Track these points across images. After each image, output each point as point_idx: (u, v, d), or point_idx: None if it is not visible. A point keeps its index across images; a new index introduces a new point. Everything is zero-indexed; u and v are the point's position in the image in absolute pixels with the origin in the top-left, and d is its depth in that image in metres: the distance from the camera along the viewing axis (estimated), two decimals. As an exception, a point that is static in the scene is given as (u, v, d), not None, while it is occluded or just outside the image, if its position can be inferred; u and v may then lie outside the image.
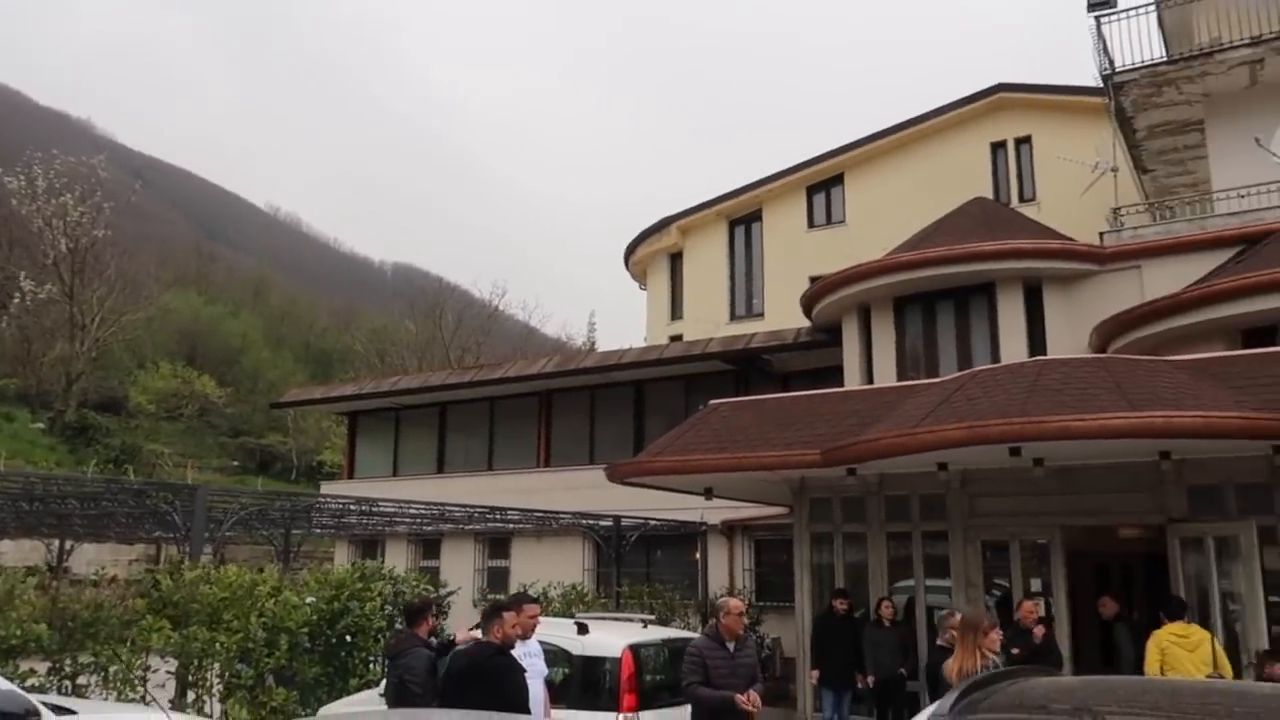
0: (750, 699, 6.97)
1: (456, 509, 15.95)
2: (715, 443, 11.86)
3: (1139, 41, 22.75)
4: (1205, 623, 9.80)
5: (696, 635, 8.71)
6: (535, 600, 7.75)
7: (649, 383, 20.33)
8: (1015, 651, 8.84)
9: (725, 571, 18.03)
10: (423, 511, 16.02)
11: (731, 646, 7.26)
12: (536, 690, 7.02)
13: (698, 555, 17.79)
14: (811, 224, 24.29)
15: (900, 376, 14.56)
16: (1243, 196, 14.09)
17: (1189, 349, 11.59)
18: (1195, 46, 15.50)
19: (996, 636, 6.97)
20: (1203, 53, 14.85)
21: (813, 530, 12.28)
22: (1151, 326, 12.28)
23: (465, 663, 6.25)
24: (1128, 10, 15.90)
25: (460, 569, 20.51)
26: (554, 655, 8.05)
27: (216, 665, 9.24)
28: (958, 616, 8.08)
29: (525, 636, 7.03)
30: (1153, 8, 16.38)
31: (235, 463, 50.29)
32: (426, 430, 23.59)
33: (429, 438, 23.53)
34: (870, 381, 14.91)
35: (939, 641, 8.83)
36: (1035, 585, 10.93)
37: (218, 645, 9.11)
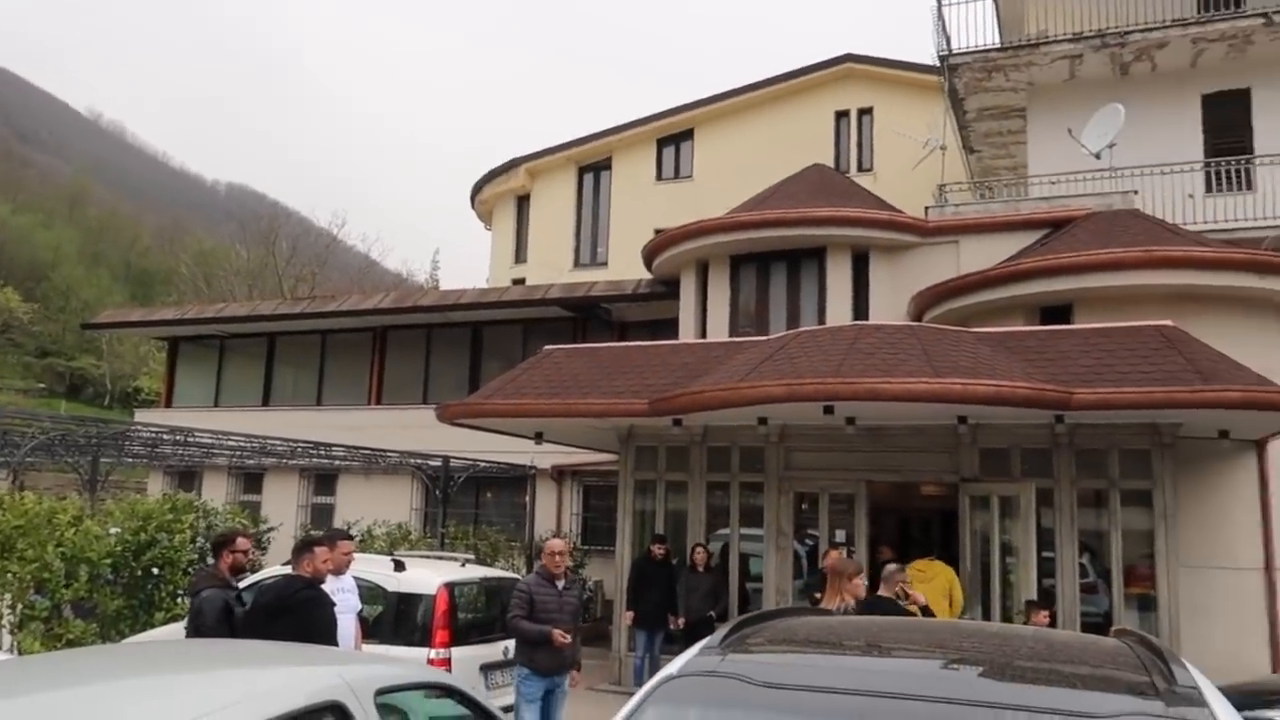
0: (564, 635, 7.27)
1: (279, 443, 15.50)
2: (547, 388, 11.97)
3: (977, 26, 23.81)
4: (986, 573, 10.72)
5: (519, 576, 8.90)
6: (351, 537, 7.71)
7: (488, 325, 20.19)
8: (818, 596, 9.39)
9: (553, 515, 18.27)
10: (243, 444, 15.49)
11: (560, 584, 7.58)
12: (347, 625, 7.05)
13: (527, 498, 17.97)
14: (660, 176, 24.50)
15: (733, 332, 15.02)
16: (1054, 183, 15.11)
17: (994, 322, 12.46)
18: (1024, 37, 16.41)
19: (860, 582, 7.45)
20: (1029, 44, 15.74)
21: (637, 477, 12.60)
22: (963, 299, 13.08)
23: (272, 596, 6.18)
24: (967, -4, 16.66)
25: (283, 505, 19.97)
26: (369, 592, 8.07)
27: (8, 596, 8.78)
28: (895, 567, 8.51)
29: (339, 572, 7.04)
30: (990, -5, 17.23)
31: (41, 385, 47.01)
32: (253, 361, 22.69)
33: (255, 369, 22.64)
34: (704, 336, 15.31)
35: (881, 592, 8.55)
36: (840, 536, 11.60)
37: (9, 575, 8.65)
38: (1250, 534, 11.41)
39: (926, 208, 15.25)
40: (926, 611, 8.34)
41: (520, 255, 26.40)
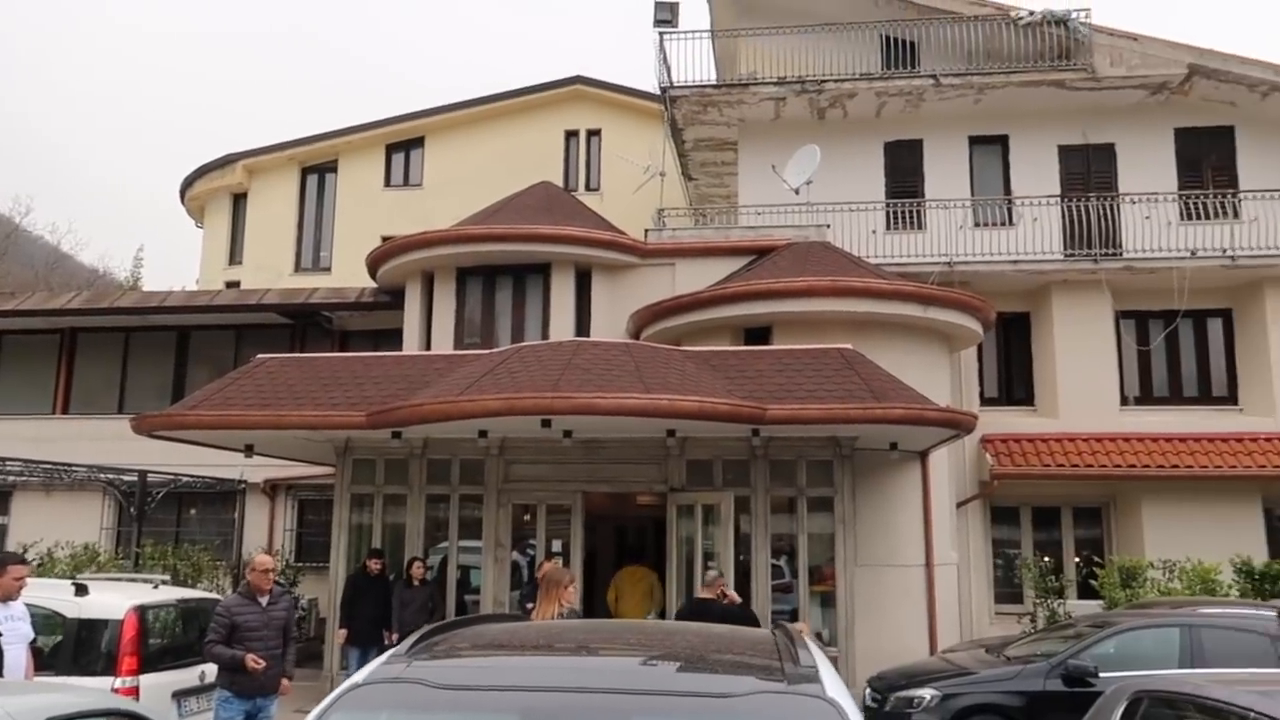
0: (257, 661, 7.08)
1: (-62, 457, 13.79)
2: (258, 398, 11.48)
3: (697, 60, 25.23)
4: (690, 575, 11.46)
5: (220, 597, 8.52)
6: (24, 560, 7.06)
7: (196, 330, 18.95)
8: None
9: (265, 531, 17.44)
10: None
11: (264, 601, 7.38)
12: (17, 656, 6.48)
13: (236, 514, 17.02)
14: (389, 183, 24.04)
15: (458, 345, 15.06)
16: (760, 214, 16.37)
17: (705, 341, 13.32)
18: (737, 76, 17.69)
19: (573, 591, 7.70)
20: (740, 84, 17.00)
21: (354, 491, 12.34)
22: (676, 318, 13.88)
23: (-78, 630, 5.57)
24: (688, 32, 17.74)
25: (-58, 526, 17.71)
26: (45, 620, 7.41)
27: None
28: (717, 573, 9.24)
29: (8, 599, 6.49)
30: (709, 34, 18.41)
31: None
32: (-92, 363, 19.95)
33: (-89, 372, 19.92)
34: (428, 347, 15.24)
35: (703, 594, 9.12)
36: (556, 546, 11.96)
37: None
38: (915, 535, 12.93)
39: (646, 230, 16.04)
40: (735, 609, 8.88)
41: (235, 256, 24.93)
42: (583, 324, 15.15)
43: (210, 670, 7.61)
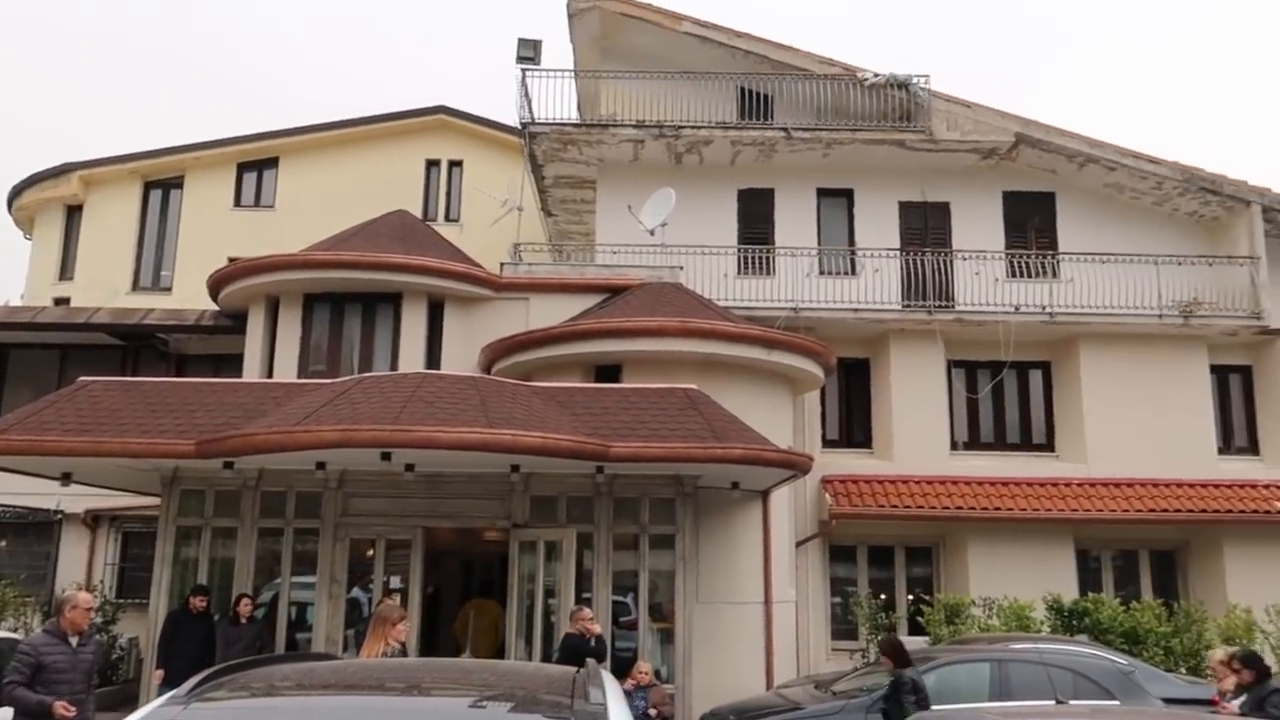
0: (67, 709, 6.64)
1: None
2: (78, 423, 10.84)
3: (560, 99, 25.51)
4: (531, 611, 11.39)
5: (20, 636, 7.97)
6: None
7: (17, 349, 17.75)
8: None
9: (84, 565, 16.37)
10: None
11: (75, 642, 6.97)
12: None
13: (51, 547, 15.93)
14: (239, 202, 23.20)
15: (302, 373, 14.62)
16: (615, 252, 16.60)
17: (557, 377, 13.35)
18: (598, 117, 17.96)
19: (403, 628, 7.51)
20: (601, 124, 17.28)
21: (180, 524, 11.76)
22: (528, 353, 13.88)
23: None
24: (551, 70, 17.93)
25: None
26: None
27: None
28: (586, 611, 9.77)
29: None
30: (571, 74, 18.65)
31: None
32: None
33: None
34: (271, 375, 14.73)
35: (570, 630, 9.70)
36: (395, 582, 11.69)
37: None
38: (755, 573, 13.23)
39: (502, 264, 16.02)
40: (600, 642, 9.51)
41: (67, 272, 23.49)
42: (434, 356, 14.95)
43: (5, 715, 7.09)
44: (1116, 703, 8.98)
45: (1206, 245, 17.86)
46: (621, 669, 10.38)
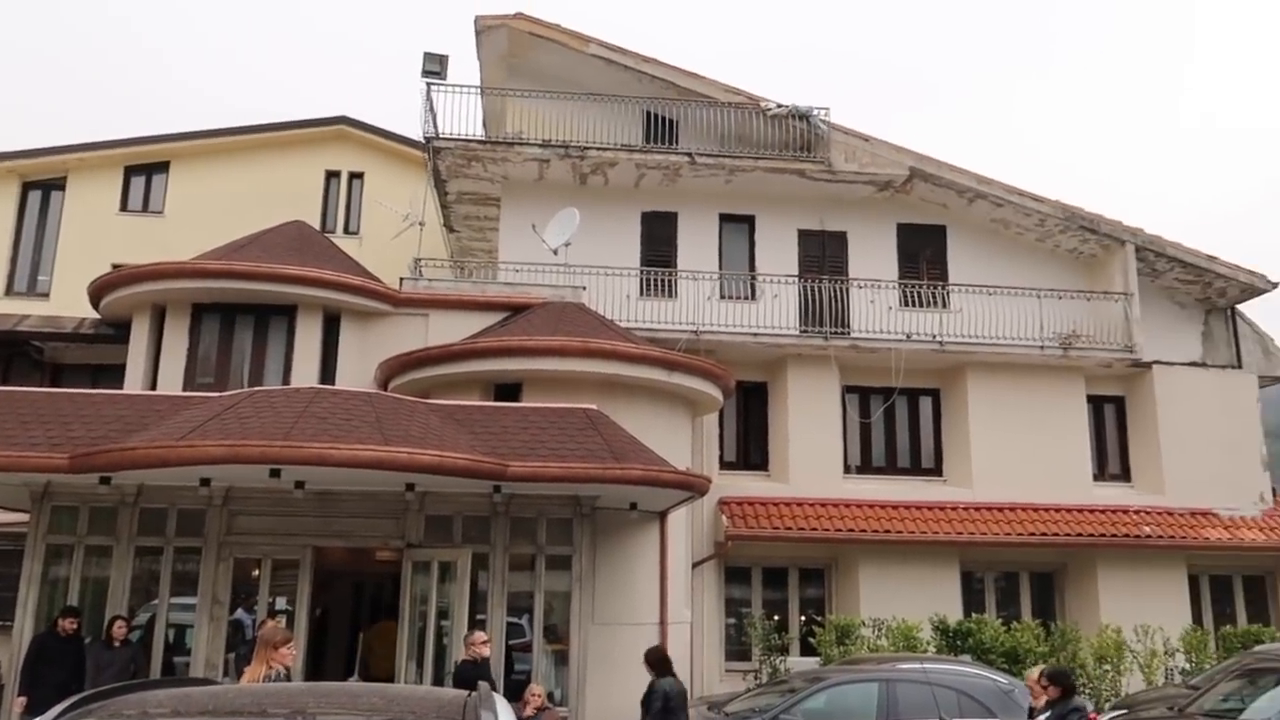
0: None
1: None
2: (-61, 435, 10.20)
3: (466, 115, 25.34)
4: (423, 634, 11.16)
5: None
6: None
7: (-127, 353, 16.65)
8: None
9: (-58, 585, 15.36)
10: None
11: None
12: None
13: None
14: (125, 207, 22.24)
15: (189, 386, 14.09)
16: (518, 270, 16.52)
17: (455, 395, 13.17)
18: (504, 134, 17.89)
19: (288, 651, 7.24)
20: (506, 142, 17.21)
21: (51, 541, 11.15)
22: (426, 370, 13.66)
23: None
24: (456, 85, 17.77)
25: None
26: None
27: None
28: (479, 634, 9.61)
29: None
30: (478, 90, 18.54)
31: None
32: None
33: None
34: (154, 387, 14.15)
35: (465, 656, 9.60)
36: (282, 603, 11.31)
37: None
38: (651, 594, 13.23)
39: (401, 279, 15.76)
40: (486, 663, 9.43)
41: (-67, 274, 22.18)
42: (328, 371, 14.59)
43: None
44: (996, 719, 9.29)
45: (1085, 281, 18.75)
46: (515, 692, 10.25)
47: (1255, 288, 18.69)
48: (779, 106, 17.96)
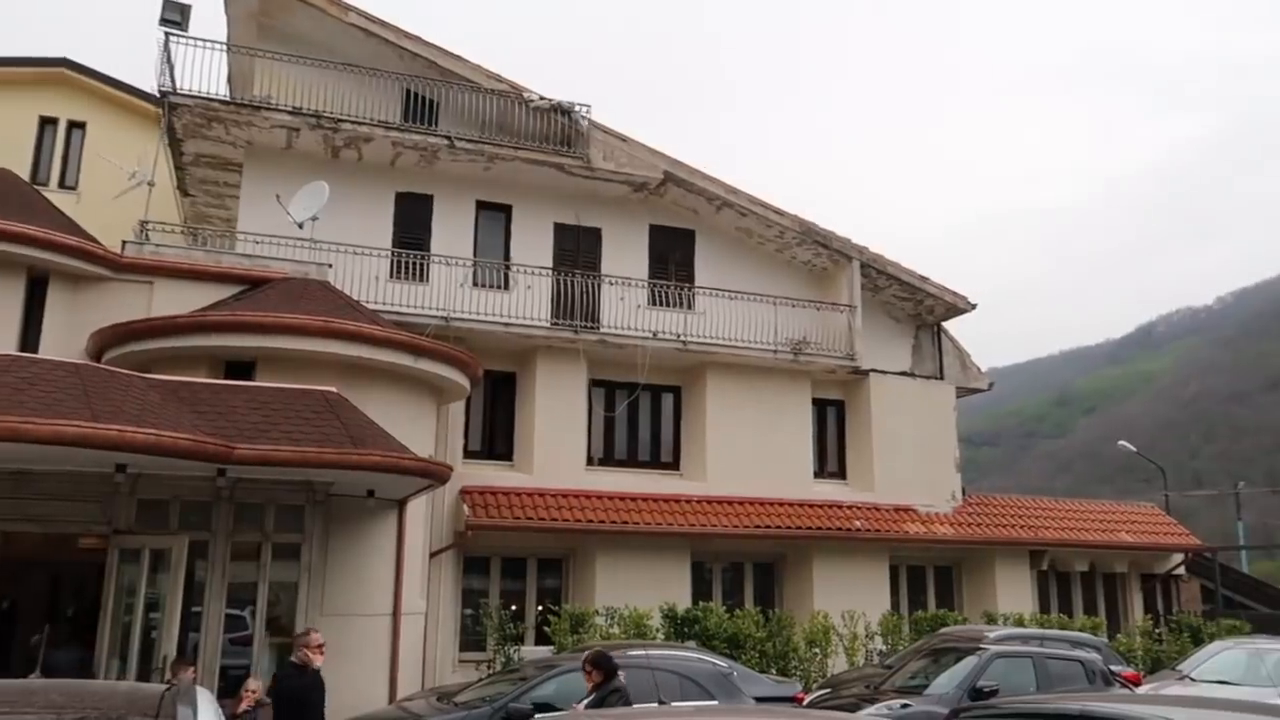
0: None
1: None
2: None
3: (209, 71, 23.69)
4: (128, 630, 10.31)
5: None
6: None
7: None
8: None
9: None
10: None
11: None
12: None
13: None
14: None
15: None
16: (259, 243, 15.58)
17: (180, 370, 12.21)
18: (250, 97, 16.81)
19: None
20: (252, 105, 16.19)
21: None
22: (148, 342, 12.59)
23: None
24: (199, 39, 16.48)
25: None
26: None
27: None
28: (316, 635, 8.95)
29: None
30: (223, 47, 17.31)
31: None
32: None
33: None
34: None
35: (292, 658, 8.89)
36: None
37: None
38: (386, 584, 12.89)
39: (125, 242, 14.44)
40: (318, 675, 8.86)
41: None
42: (31, 338, 13.10)
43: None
44: (715, 702, 9.81)
45: (816, 292, 20.14)
46: (233, 688, 9.70)
47: (958, 307, 20.83)
48: (542, 99, 18.03)
